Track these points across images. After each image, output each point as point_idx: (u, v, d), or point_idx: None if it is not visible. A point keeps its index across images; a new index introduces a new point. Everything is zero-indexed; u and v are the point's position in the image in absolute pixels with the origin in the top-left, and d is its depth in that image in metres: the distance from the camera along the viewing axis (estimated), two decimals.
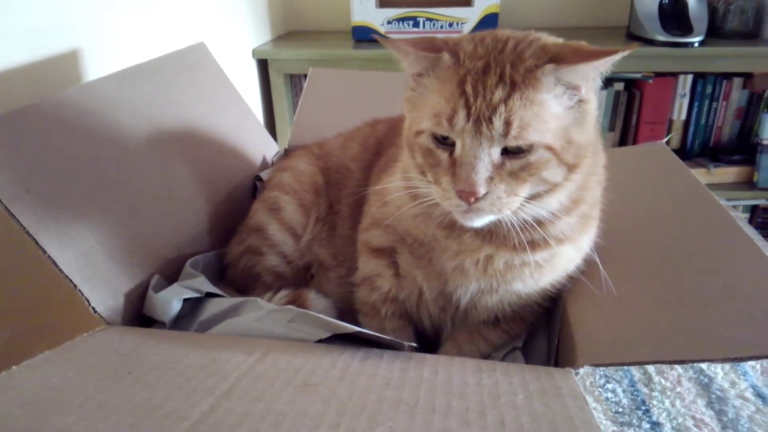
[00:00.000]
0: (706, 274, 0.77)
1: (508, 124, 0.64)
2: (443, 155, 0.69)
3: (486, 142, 0.65)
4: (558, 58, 0.65)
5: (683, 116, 2.24)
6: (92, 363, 0.62)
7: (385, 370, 0.63)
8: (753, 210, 2.31)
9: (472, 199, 0.66)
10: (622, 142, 2.29)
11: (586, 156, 0.72)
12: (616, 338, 0.72)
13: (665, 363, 0.71)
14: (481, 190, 0.65)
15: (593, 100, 0.71)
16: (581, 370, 0.68)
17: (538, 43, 0.69)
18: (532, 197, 0.70)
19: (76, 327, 0.75)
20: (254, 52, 2.14)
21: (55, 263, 0.75)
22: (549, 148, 0.67)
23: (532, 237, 0.74)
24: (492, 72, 0.66)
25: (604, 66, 0.66)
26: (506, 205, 0.68)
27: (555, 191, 0.71)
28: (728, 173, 2.22)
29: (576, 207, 0.77)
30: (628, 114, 2.25)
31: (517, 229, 0.71)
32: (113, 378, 0.57)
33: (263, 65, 2.19)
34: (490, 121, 0.64)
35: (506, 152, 0.66)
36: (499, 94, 0.64)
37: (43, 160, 0.80)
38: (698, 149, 2.30)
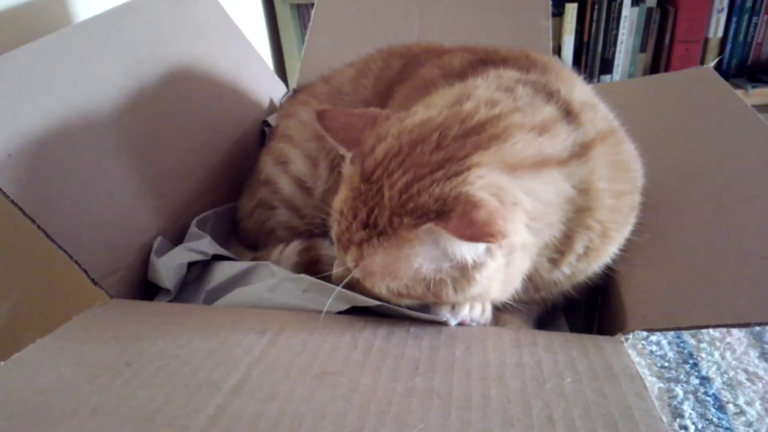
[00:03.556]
0: None
1: (356, 264, 0.59)
2: None
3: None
4: (444, 218, 0.53)
5: (720, 33, 2.09)
6: (87, 353, 0.55)
7: (413, 350, 0.56)
8: None
9: None
10: (655, 63, 2.15)
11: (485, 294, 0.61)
12: (671, 298, 0.64)
13: (729, 327, 0.64)
14: None
15: (491, 262, 0.57)
16: (631, 336, 0.61)
17: (448, 186, 0.55)
18: None
19: (77, 299, 0.69)
20: None
21: (46, 234, 0.68)
22: (400, 295, 0.60)
23: None
24: (366, 207, 0.59)
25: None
26: None
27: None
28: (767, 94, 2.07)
29: (564, 257, 0.66)
30: (661, 33, 2.11)
31: None
32: (110, 373, 0.51)
33: None
34: (345, 252, 0.61)
35: None
36: (359, 235, 0.59)
37: (23, 119, 0.72)
38: (735, 69, 2.15)
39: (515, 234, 0.56)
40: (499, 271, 0.59)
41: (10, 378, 0.51)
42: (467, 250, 0.55)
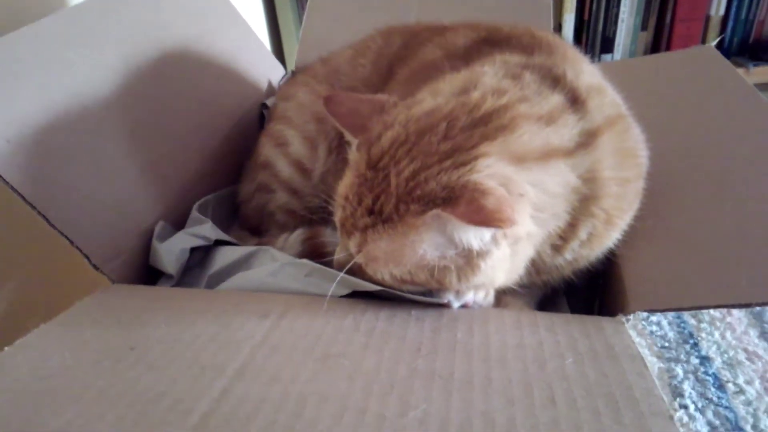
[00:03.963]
0: None
1: (359, 250, 0.60)
2: None
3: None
4: (451, 204, 0.53)
5: (721, 11, 2.07)
6: (91, 337, 0.56)
7: (415, 332, 0.56)
8: None
9: None
10: (656, 41, 2.13)
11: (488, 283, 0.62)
12: (672, 279, 0.64)
13: (730, 307, 0.64)
14: None
15: (496, 251, 0.57)
16: (632, 316, 0.61)
17: (456, 174, 0.55)
18: None
19: (80, 284, 0.69)
20: None
21: (47, 219, 0.68)
22: (403, 281, 0.61)
23: None
24: (371, 194, 0.58)
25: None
26: None
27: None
28: None
29: (567, 243, 0.66)
30: (662, 11, 2.08)
31: None
32: (114, 357, 0.51)
33: None
34: (349, 237, 0.61)
35: None
36: (364, 221, 0.59)
37: (21, 104, 0.71)
38: (737, 47, 2.13)
39: (521, 224, 0.56)
40: (504, 260, 0.59)
41: (14, 363, 0.51)
42: (473, 237, 0.55)
